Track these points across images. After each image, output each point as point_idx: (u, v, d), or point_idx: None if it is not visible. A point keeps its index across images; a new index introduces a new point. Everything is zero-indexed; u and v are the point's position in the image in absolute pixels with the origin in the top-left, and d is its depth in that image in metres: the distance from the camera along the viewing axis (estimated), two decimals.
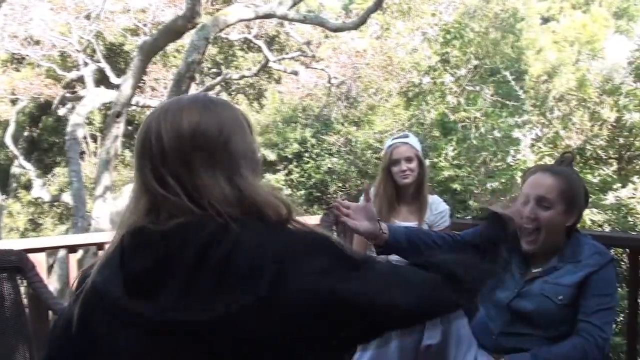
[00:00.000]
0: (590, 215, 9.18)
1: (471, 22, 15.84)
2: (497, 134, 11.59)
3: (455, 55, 14.36)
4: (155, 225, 1.66)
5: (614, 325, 7.48)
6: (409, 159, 4.66)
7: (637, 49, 12.60)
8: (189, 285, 1.56)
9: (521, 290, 3.22)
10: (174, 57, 19.77)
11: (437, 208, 4.80)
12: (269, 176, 16.52)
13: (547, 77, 14.91)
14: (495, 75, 14.60)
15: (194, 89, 17.61)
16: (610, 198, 9.61)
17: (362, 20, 13.74)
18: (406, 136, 4.83)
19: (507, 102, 13.19)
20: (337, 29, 14.33)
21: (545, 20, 19.29)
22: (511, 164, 10.70)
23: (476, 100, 12.87)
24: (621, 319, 7.26)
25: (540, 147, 10.81)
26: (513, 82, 12.84)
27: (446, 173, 11.84)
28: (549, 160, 10.23)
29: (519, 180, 10.03)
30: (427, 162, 12.69)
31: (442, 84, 13.53)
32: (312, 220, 5.86)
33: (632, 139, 10.83)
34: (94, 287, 1.69)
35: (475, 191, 11.23)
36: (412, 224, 4.63)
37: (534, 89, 13.86)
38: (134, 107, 17.80)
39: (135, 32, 19.21)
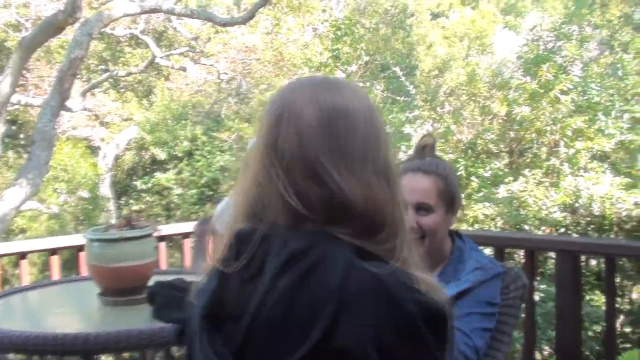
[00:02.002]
0: (482, 210, 9.20)
1: (361, 18, 15.82)
2: (388, 129, 11.53)
3: (346, 52, 14.28)
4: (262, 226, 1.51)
5: None
6: None
7: (525, 44, 12.74)
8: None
9: None
10: (58, 53, 19.12)
11: None
12: (159, 175, 16.15)
13: (437, 72, 14.97)
14: (386, 71, 14.60)
15: (79, 86, 17.08)
16: (502, 191, 9.67)
17: (250, 15, 13.50)
18: None
19: (398, 98, 13.17)
20: (225, 24, 14.07)
21: (435, 16, 19.41)
22: (403, 160, 10.64)
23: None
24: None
25: None
26: (403, 78, 12.83)
27: None
28: (442, 156, 10.19)
29: None
30: None
31: None
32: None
33: (522, 132, 10.92)
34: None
35: None
36: None
37: (425, 84, 13.88)
38: (16, 106, 17.13)
39: (17, 27, 18.49)
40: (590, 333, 7.83)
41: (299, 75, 15.41)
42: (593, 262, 8.70)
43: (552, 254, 6.52)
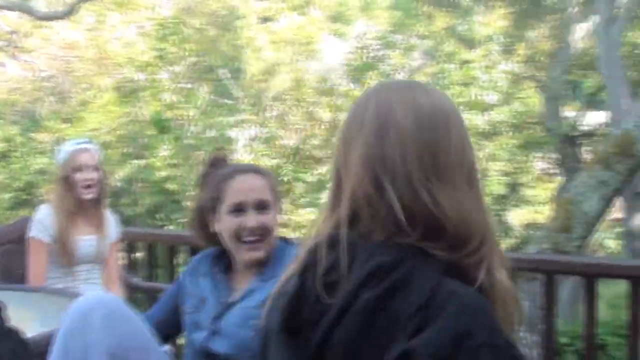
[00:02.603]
0: (307, 215, 9.21)
1: (189, 18, 15.53)
2: (213, 132, 11.35)
3: (171, 52, 13.97)
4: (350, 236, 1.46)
5: None
6: (94, 168, 4.26)
7: (352, 51, 12.85)
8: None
9: (215, 325, 2.66)
10: None
11: (109, 219, 4.51)
12: None
13: (264, 76, 14.90)
14: (212, 73, 14.39)
15: None
16: (326, 197, 9.71)
17: (72, 9, 13.01)
18: (90, 142, 4.46)
19: (224, 101, 12.98)
20: (46, 18, 13.50)
21: (264, 20, 19.33)
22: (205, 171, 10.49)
23: (192, 98, 12.57)
24: None
25: (256, 147, 10.68)
26: (230, 81, 12.67)
27: (162, 173, 11.43)
28: (267, 161, 10.19)
29: None
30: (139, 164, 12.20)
31: (158, 80, 13.08)
32: None
33: None
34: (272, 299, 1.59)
35: (191, 192, 10.91)
36: (92, 236, 4.34)
37: (251, 88, 13.77)
38: None
39: None
40: None
41: (123, 75, 14.98)
42: None
43: None
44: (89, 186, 4.21)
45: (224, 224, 2.68)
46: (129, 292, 5.02)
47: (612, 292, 9.17)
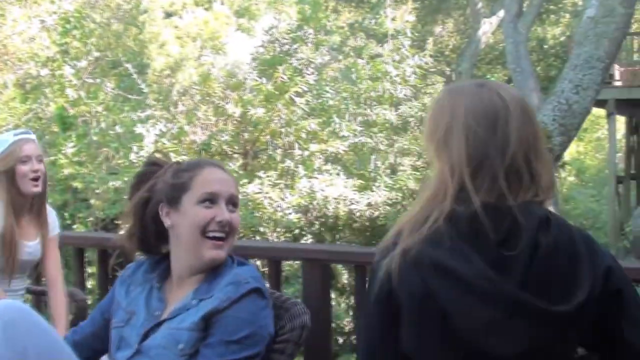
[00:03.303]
0: None
1: (92, 12, 15.25)
2: (119, 129, 11.16)
3: (75, 47, 13.68)
4: (505, 203, 1.84)
5: None
6: (39, 159, 3.86)
7: (261, 45, 12.80)
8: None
9: (142, 343, 2.42)
10: None
11: (51, 214, 4.11)
12: None
13: (170, 71, 14.77)
14: (117, 68, 14.16)
15: None
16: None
17: None
18: (31, 133, 4.07)
19: (130, 96, 12.78)
20: None
21: (168, 14, 19.16)
22: (134, 161, 10.32)
23: (97, 94, 12.33)
24: None
25: (164, 143, 10.55)
26: (136, 76, 12.48)
27: (66, 171, 11.19)
28: (176, 157, 10.06)
29: None
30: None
31: (62, 76, 12.78)
32: None
33: (257, 134, 10.96)
34: (437, 264, 1.79)
35: (97, 190, 10.71)
36: (34, 242, 3.95)
37: (157, 83, 13.59)
38: None
39: None
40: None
41: (26, 71, 14.62)
42: None
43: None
44: (36, 178, 3.81)
45: (189, 215, 2.44)
46: (34, 299, 4.79)
47: None
